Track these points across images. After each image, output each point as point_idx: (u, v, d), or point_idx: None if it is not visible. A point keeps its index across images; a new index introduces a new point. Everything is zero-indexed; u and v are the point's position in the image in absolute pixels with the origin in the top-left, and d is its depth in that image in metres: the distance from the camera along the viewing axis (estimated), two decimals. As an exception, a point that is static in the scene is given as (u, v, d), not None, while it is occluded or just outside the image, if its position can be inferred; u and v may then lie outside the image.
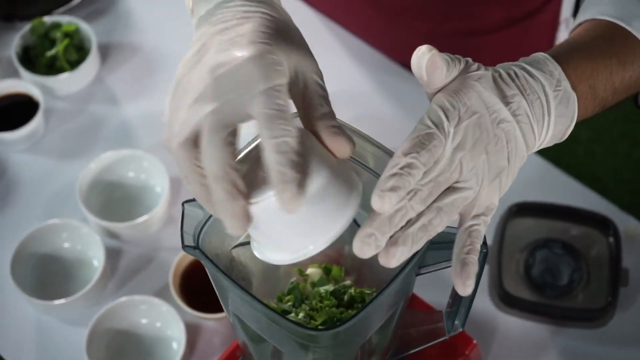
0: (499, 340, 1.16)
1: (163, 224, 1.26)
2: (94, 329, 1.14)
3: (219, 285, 0.75)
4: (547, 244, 1.21)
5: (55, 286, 1.21)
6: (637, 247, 1.23)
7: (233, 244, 0.80)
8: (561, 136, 0.73)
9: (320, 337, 0.68)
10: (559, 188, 1.28)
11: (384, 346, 0.85)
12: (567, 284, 1.18)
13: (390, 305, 0.75)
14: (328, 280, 0.88)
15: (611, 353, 1.15)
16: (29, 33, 1.38)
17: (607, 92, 0.75)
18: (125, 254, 1.24)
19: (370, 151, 0.76)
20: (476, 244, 0.66)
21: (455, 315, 0.85)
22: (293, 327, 0.67)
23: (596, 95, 0.74)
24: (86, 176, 1.25)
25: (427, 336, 0.89)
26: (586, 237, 1.21)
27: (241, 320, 0.78)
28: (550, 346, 1.16)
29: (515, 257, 1.21)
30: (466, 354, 1.00)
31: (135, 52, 1.43)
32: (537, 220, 1.23)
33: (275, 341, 0.77)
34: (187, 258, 1.19)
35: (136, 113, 1.37)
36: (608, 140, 2.29)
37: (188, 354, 1.15)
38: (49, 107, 1.36)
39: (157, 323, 1.17)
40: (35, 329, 1.19)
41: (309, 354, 0.77)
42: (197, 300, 1.17)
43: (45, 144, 1.34)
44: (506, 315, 1.18)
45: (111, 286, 1.22)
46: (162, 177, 1.26)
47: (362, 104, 1.37)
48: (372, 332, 0.76)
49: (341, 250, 0.89)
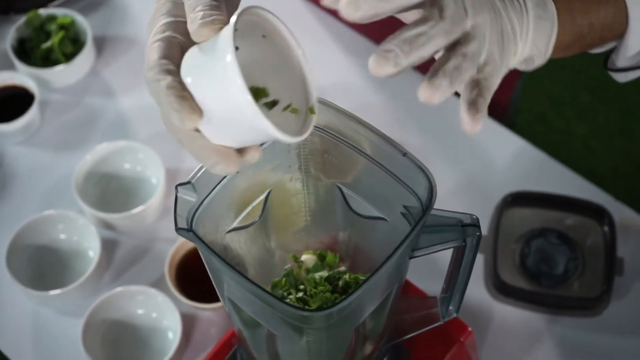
0: (494, 330, 1.16)
1: (159, 215, 1.26)
2: (90, 319, 1.14)
3: (213, 269, 0.75)
4: (543, 233, 1.21)
5: (51, 277, 1.21)
6: (633, 237, 1.23)
7: (227, 229, 0.80)
8: (545, 49, 0.71)
9: (313, 318, 0.68)
10: (554, 178, 1.29)
11: (379, 332, 0.85)
12: (563, 273, 1.18)
13: (384, 288, 0.75)
14: (323, 267, 0.88)
15: (606, 342, 1.15)
16: (24, 25, 1.38)
17: (584, 22, 0.75)
18: (121, 245, 1.24)
19: (365, 135, 0.77)
20: (485, 92, 0.65)
21: (449, 301, 0.85)
22: (286, 309, 0.67)
23: (574, 19, 0.74)
24: (82, 168, 1.25)
25: (422, 322, 0.89)
26: (582, 227, 1.21)
27: (235, 305, 0.78)
28: (545, 335, 1.16)
29: (511, 247, 1.21)
30: (461, 341, 1.00)
31: (130, 45, 1.43)
32: (533, 210, 1.23)
33: (269, 325, 0.77)
34: (182, 249, 1.19)
35: (132, 105, 1.37)
36: (606, 135, 2.29)
37: (184, 344, 1.15)
38: (44, 99, 1.37)
39: (153, 313, 1.17)
40: (32, 320, 1.19)
41: (303, 338, 0.77)
42: (193, 291, 1.17)
43: (41, 136, 1.34)
44: (502, 305, 1.18)
45: (107, 277, 1.22)
46: (158, 168, 1.26)
47: (356, 95, 1.37)
48: (365, 315, 0.76)
49: (336, 237, 0.90)
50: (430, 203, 0.71)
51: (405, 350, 0.98)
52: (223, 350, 0.99)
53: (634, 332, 1.16)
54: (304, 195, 0.85)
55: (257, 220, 0.83)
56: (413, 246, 0.75)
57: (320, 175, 0.83)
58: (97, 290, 1.20)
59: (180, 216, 0.71)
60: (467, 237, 0.76)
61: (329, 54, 1.41)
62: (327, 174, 0.82)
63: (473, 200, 1.26)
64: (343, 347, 0.81)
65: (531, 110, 2.33)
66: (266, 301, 0.69)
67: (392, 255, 0.68)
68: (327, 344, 0.77)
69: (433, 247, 0.76)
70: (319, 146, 0.80)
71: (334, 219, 0.86)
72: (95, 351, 1.12)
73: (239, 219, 0.81)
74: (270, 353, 0.85)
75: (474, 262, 0.80)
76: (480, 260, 1.21)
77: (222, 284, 0.76)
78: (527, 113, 2.32)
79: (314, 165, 0.82)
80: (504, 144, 1.32)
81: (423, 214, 0.70)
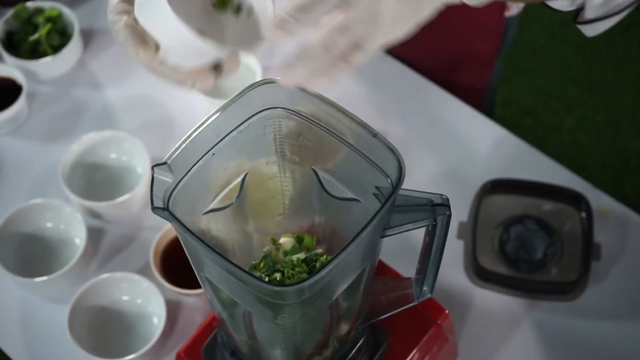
0: (474, 314, 1.19)
1: (144, 204, 1.27)
2: (76, 305, 1.15)
3: (190, 248, 0.77)
4: (522, 220, 1.23)
5: (38, 265, 1.22)
6: (610, 224, 1.25)
7: (204, 210, 0.82)
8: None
9: (284, 293, 0.70)
10: (533, 166, 1.31)
11: (354, 311, 0.87)
12: (541, 259, 1.20)
13: (356, 265, 0.77)
14: (300, 249, 0.90)
15: (583, 325, 1.17)
16: (12, 18, 1.39)
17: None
18: (107, 234, 1.26)
19: (338, 118, 0.78)
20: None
21: (422, 282, 0.87)
22: (258, 284, 0.69)
23: None
24: (69, 157, 1.27)
25: (397, 302, 0.91)
26: (559, 213, 1.23)
27: (213, 285, 0.80)
28: (524, 319, 1.18)
29: (490, 234, 1.23)
30: (438, 323, 1.02)
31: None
32: (512, 197, 1.25)
33: (245, 303, 0.79)
34: (167, 237, 1.21)
35: (118, 97, 1.39)
36: (592, 128, 2.31)
37: (168, 330, 1.17)
38: (32, 91, 1.38)
39: (138, 300, 1.19)
40: (19, 308, 1.21)
41: (277, 316, 0.79)
42: (177, 278, 1.19)
43: (28, 127, 1.36)
44: (481, 290, 1.20)
45: (93, 265, 1.24)
46: (143, 158, 1.28)
47: (337, 86, 1.37)
48: (338, 292, 0.78)
49: (313, 220, 0.92)
50: (399, 182, 0.73)
51: (383, 332, 1.00)
52: (204, 333, 1.01)
53: (610, 316, 1.18)
54: (280, 178, 0.87)
55: (234, 202, 0.85)
56: (384, 225, 0.77)
57: (296, 159, 0.85)
58: (84, 278, 1.21)
59: (157, 196, 0.73)
60: (438, 216, 0.78)
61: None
62: (302, 157, 0.84)
63: (453, 188, 1.28)
64: (318, 326, 0.83)
65: (518, 103, 2.35)
66: (240, 278, 0.71)
67: (362, 231, 0.70)
68: (301, 322, 0.79)
69: (404, 226, 0.78)
70: (294, 129, 0.82)
71: (310, 202, 0.87)
72: (81, 337, 1.14)
73: (215, 201, 0.83)
74: (248, 333, 0.87)
75: (445, 242, 0.82)
76: (460, 247, 1.23)
77: (199, 264, 0.78)
78: (515, 106, 2.34)
79: (290, 148, 0.84)
80: (483, 132, 1.34)
81: (393, 192, 0.72)
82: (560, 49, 2.45)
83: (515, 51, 2.41)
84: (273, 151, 0.84)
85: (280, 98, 0.80)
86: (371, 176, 0.78)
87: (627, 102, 2.36)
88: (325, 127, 0.80)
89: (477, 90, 1.47)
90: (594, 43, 2.45)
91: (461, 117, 1.36)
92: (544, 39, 2.47)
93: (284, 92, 0.79)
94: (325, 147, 0.82)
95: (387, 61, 1.40)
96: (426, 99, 1.38)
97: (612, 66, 2.42)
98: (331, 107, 0.78)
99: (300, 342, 0.84)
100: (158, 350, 1.14)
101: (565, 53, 2.45)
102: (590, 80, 2.40)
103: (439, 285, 1.04)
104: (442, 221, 0.78)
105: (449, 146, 1.33)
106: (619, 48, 2.45)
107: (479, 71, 1.44)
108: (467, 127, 1.35)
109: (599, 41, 2.45)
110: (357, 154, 0.79)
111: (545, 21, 2.50)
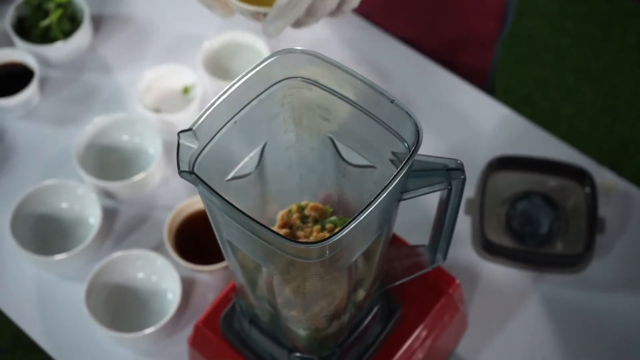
0: (482, 287, 1.21)
1: (157, 184, 1.30)
2: (92, 283, 1.18)
3: (212, 211, 0.79)
4: (527, 195, 1.25)
5: (53, 244, 1.25)
6: (614, 199, 1.27)
7: (226, 177, 0.84)
8: None
9: (307, 250, 0.72)
10: (537, 144, 1.33)
11: (371, 277, 0.89)
12: (547, 234, 1.23)
13: (375, 228, 0.80)
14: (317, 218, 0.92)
15: (589, 297, 1.20)
16: (23, 5, 1.42)
17: None
18: (121, 214, 1.28)
19: (354, 84, 0.81)
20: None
21: (436, 248, 0.89)
22: (282, 242, 0.72)
23: None
24: (82, 139, 1.29)
25: (411, 269, 0.93)
26: (564, 189, 1.26)
27: (234, 248, 0.83)
28: (531, 291, 1.20)
29: (497, 210, 1.25)
30: (449, 293, 1.04)
31: (126, 23, 1.47)
32: (517, 174, 1.27)
33: (266, 264, 0.81)
34: (180, 215, 1.23)
35: (128, 81, 1.41)
36: (590, 115, 2.34)
37: (183, 306, 1.19)
38: (43, 75, 1.41)
39: (153, 276, 1.21)
40: (36, 285, 1.23)
41: (299, 278, 0.81)
42: (190, 255, 1.21)
43: (41, 110, 1.38)
44: (489, 264, 1.22)
45: (108, 244, 1.26)
46: (155, 139, 1.30)
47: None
48: (357, 254, 0.80)
49: (329, 190, 0.94)
50: (417, 145, 0.75)
51: (396, 301, 1.02)
52: (222, 304, 1.03)
53: (615, 288, 1.21)
54: (297, 147, 0.89)
55: (254, 172, 0.87)
56: (401, 188, 0.79)
57: (313, 127, 0.87)
58: (99, 256, 1.24)
59: (182, 161, 0.75)
60: (453, 181, 0.80)
61: (311, 29, 1.45)
62: (319, 127, 0.87)
63: (460, 166, 1.30)
64: (337, 289, 0.85)
65: (517, 91, 2.38)
66: (262, 236, 0.74)
67: (382, 191, 0.72)
68: (322, 284, 0.82)
69: (420, 190, 0.80)
70: (311, 99, 0.84)
71: (327, 169, 0.90)
72: (97, 313, 1.16)
73: (235, 170, 0.85)
74: (269, 300, 0.89)
75: (459, 207, 0.84)
76: (468, 223, 1.25)
77: (221, 226, 0.81)
78: (513, 95, 2.37)
79: (307, 117, 0.86)
80: (487, 112, 1.37)
81: (410, 154, 0.74)
82: (558, 38, 2.48)
83: (514, 40, 2.44)
84: (291, 120, 0.86)
85: (299, 68, 0.82)
86: (388, 142, 0.81)
87: (624, 90, 2.39)
88: (343, 95, 0.82)
89: (479, 73, 1.50)
90: (591, 32, 2.48)
91: (464, 97, 1.39)
92: (542, 28, 2.50)
93: (302, 62, 0.81)
94: (342, 114, 0.84)
95: (389, 42, 1.43)
96: (429, 79, 1.41)
97: (610, 55, 2.45)
98: (349, 75, 0.80)
99: (319, 307, 0.86)
100: (173, 326, 1.17)
101: (563, 42, 2.48)
102: (588, 69, 2.43)
103: (448, 260, 1.07)
104: (457, 185, 0.81)
105: (453, 126, 1.36)
106: (617, 37, 2.48)
107: (480, 53, 1.46)
108: (471, 107, 1.38)
109: (596, 30, 2.49)
110: (374, 121, 0.81)
111: (543, 11, 2.52)
